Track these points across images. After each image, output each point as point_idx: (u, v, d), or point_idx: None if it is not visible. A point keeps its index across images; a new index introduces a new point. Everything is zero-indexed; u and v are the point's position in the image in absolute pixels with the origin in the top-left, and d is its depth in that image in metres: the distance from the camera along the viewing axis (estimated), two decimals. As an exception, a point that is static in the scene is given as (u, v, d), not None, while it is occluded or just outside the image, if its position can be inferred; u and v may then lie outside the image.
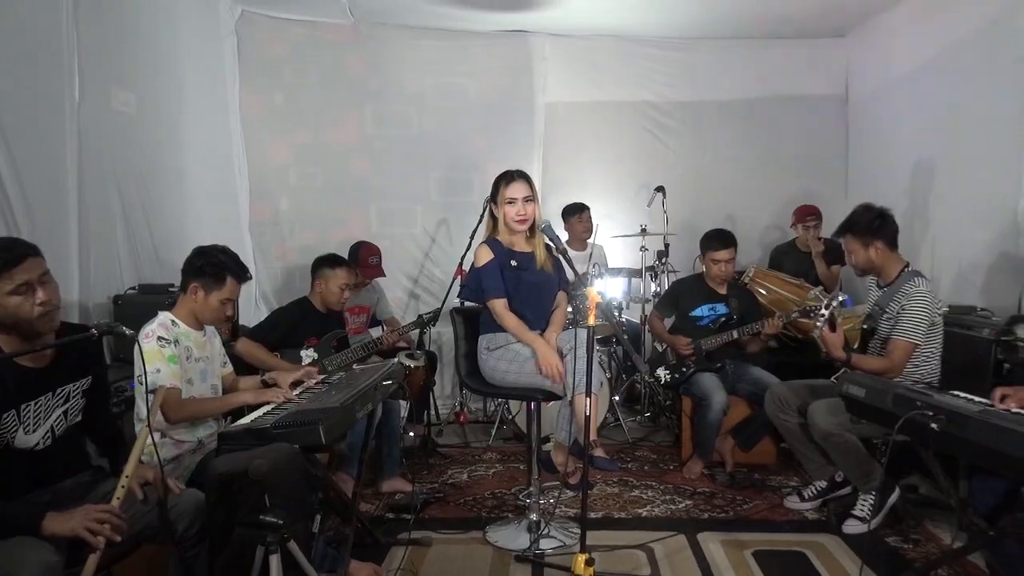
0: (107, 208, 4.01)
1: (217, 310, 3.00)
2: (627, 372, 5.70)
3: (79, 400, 2.44)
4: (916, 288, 3.48)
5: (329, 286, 4.24)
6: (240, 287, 3.06)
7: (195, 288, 2.96)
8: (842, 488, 3.77)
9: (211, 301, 2.97)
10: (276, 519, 2.17)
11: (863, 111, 6.15)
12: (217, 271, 2.96)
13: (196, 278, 2.96)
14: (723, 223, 6.02)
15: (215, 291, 2.96)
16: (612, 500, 4.02)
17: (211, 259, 2.98)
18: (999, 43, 4.34)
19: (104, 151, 3.95)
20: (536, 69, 6.13)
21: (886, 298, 3.60)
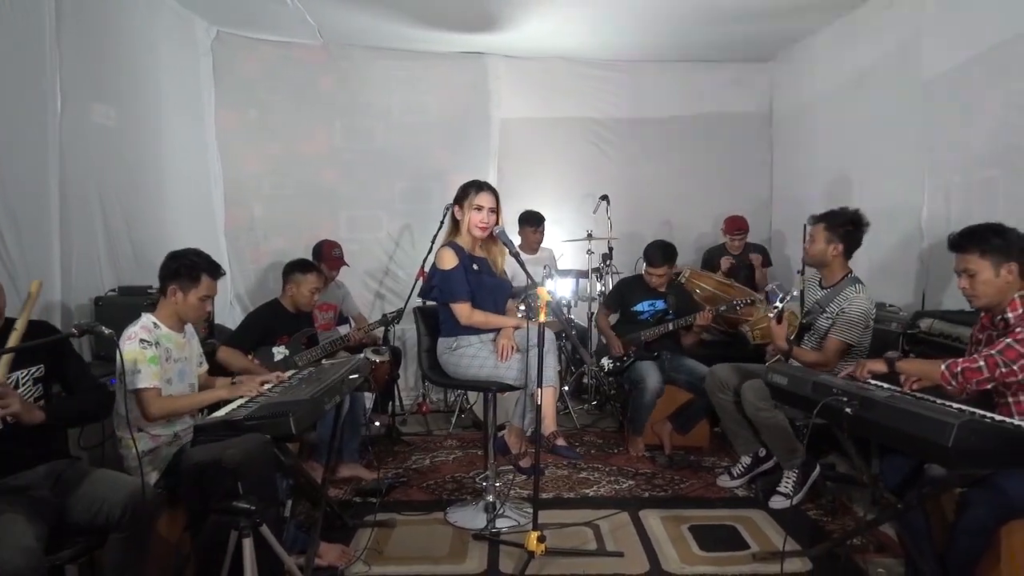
0: (88, 215, 3.88)
1: (198, 307, 2.93)
2: (575, 364, 5.72)
3: (30, 387, 2.36)
4: (857, 295, 3.54)
5: (300, 290, 4.18)
6: (216, 283, 2.98)
7: (173, 290, 2.89)
8: (764, 463, 3.83)
9: (190, 300, 2.90)
10: (248, 505, 2.13)
11: (786, 128, 6.25)
12: (192, 271, 2.89)
13: (173, 280, 2.89)
14: (660, 228, 6.11)
15: (192, 290, 2.89)
16: (562, 482, 4.03)
17: (185, 261, 2.91)
18: (906, 67, 4.44)
19: (85, 162, 3.82)
20: (492, 88, 6.12)
21: (827, 298, 3.64)
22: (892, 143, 4.64)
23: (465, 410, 5.20)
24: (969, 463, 2.18)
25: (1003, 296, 2.58)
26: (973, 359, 2.49)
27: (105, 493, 2.25)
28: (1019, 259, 2.57)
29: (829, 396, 2.55)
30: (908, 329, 3.78)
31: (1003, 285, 2.57)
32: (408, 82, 5.98)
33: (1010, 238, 2.58)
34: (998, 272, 2.56)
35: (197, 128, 5.36)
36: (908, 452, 2.57)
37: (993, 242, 2.57)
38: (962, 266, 2.64)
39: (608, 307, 4.88)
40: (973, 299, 2.66)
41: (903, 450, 2.57)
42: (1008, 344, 2.45)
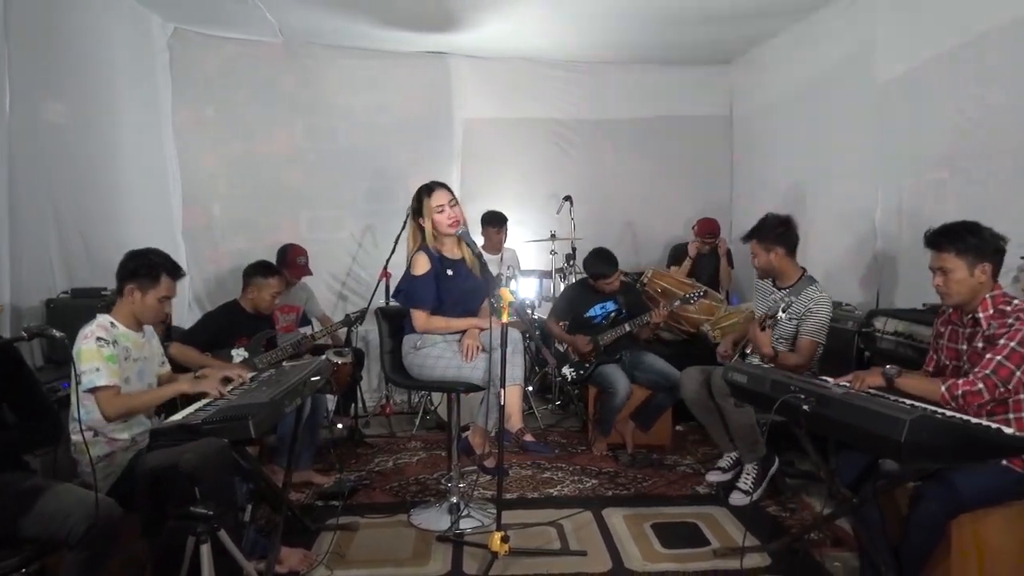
0: (39, 214, 3.78)
1: (156, 308, 2.86)
2: (539, 365, 5.72)
3: None
4: (820, 294, 3.63)
5: (262, 294, 4.11)
6: (175, 284, 2.92)
7: (131, 290, 2.82)
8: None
9: (148, 300, 2.83)
10: (206, 510, 2.10)
11: (745, 130, 6.34)
12: (151, 271, 2.83)
13: (131, 280, 2.82)
14: (623, 228, 6.17)
15: (151, 290, 2.83)
16: (526, 482, 4.03)
17: (144, 260, 2.85)
18: (861, 71, 4.53)
19: (36, 161, 3.72)
20: (455, 88, 6.10)
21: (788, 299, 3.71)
22: (848, 145, 4.73)
23: (429, 411, 5.17)
24: (920, 458, 2.23)
25: (975, 295, 2.60)
26: (972, 381, 2.47)
27: (62, 510, 2.17)
28: (993, 259, 2.59)
29: (787, 393, 2.58)
30: (863, 328, 3.86)
31: (976, 285, 2.58)
32: (371, 82, 5.94)
33: (985, 238, 2.58)
34: (972, 271, 2.57)
35: (153, 126, 5.24)
36: (862, 448, 2.62)
37: (969, 241, 2.57)
38: (937, 263, 2.63)
39: (557, 316, 4.80)
40: (946, 296, 2.66)
41: (858, 446, 2.62)
42: (999, 362, 2.45)
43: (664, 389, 4.37)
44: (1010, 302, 2.56)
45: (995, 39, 3.51)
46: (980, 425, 2.27)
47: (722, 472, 3.84)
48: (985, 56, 3.57)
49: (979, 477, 2.39)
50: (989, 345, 2.52)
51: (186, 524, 2.11)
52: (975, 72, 3.64)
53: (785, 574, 2.93)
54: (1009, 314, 2.52)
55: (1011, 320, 2.49)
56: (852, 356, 3.89)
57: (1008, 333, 2.47)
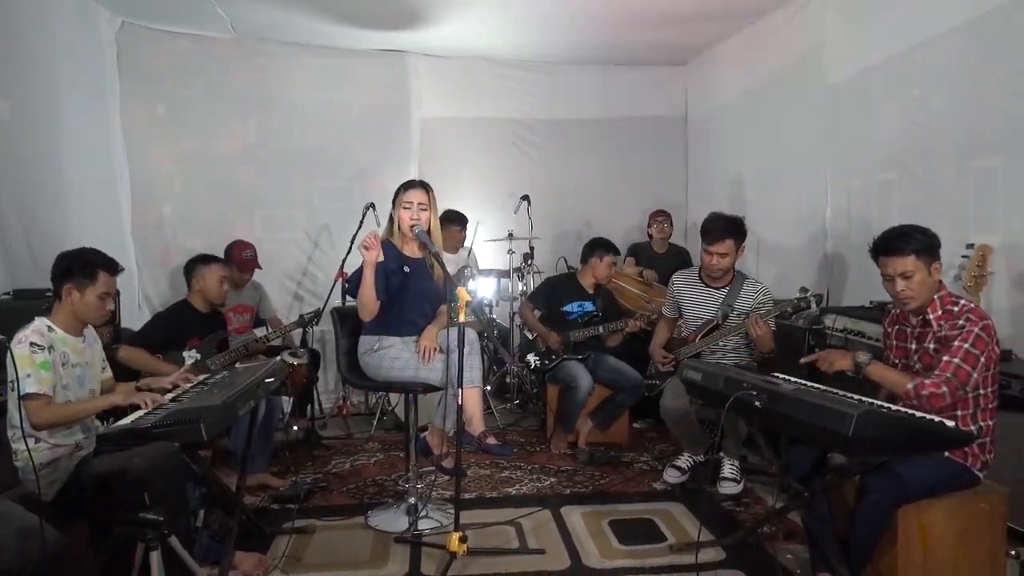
0: (-20, 214, 3.66)
1: (96, 306, 2.77)
2: (497, 364, 5.73)
3: None
4: (760, 285, 3.82)
5: (207, 282, 4.02)
6: (114, 280, 2.83)
7: (69, 290, 2.73)
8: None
9: (88, 298, 2.74)
10: (155, 516, 2.05)
11: (699, 131, 6.44)
12: (87, 268, 2.74)
13: (67, 279, 2.73)
14: (582, 228, 6.20)
15: (89, 287, 2.73)
16: (484, 481, 4.03)
17: (78, 258, 2.76)
18: (810, 74, 4.64)
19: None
20: (412, 87, 6.07)
21: (732, 296, 3.80)
22: (798, 147, 4.84)
23: (387, 412, 5.14)
24: (867, 452, 2.29)
25: (931, 295, 2.64)
26: (937, 384, 2.48)
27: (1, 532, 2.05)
28: (939, 257, 2.64)
29: (740, 390, 2.63)
30: (814, 325, 3.95)
31: (932, 284, 2.62)
32: (326, 79, 5.87)
33: (931, 235, 2.61)
34: (930, 271, 2.60)
35: (101, 123, 5.10)
36: (813, 442, 2.66)
37: (922, 241, 2.59)
38: (898, 269, 2.60)
39: (534, 304, 4.85)
40: (911, 301, 2.63)
41: (808, 441, 2.68)
42: (957, 365, 2.48)
43: (624, 390, 4.41)
44: (956, 302, 2.63)
45: (938, 44, 3.63)
46: (924, 419, 2.33)
47: (680, 472, 3.89)
48: (929, 60, 3.69)
49: (922, 469, 2.47)
50: (941, 346, 2.58)
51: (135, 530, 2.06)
52: (920, 76, 3.75)
53: (739, 568, 2.97)
54: (957, 315, 2.58)
55: (961, 321, 2.55)
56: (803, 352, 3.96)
57: (961, 335, 2.52)
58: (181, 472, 2.43)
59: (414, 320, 3.41)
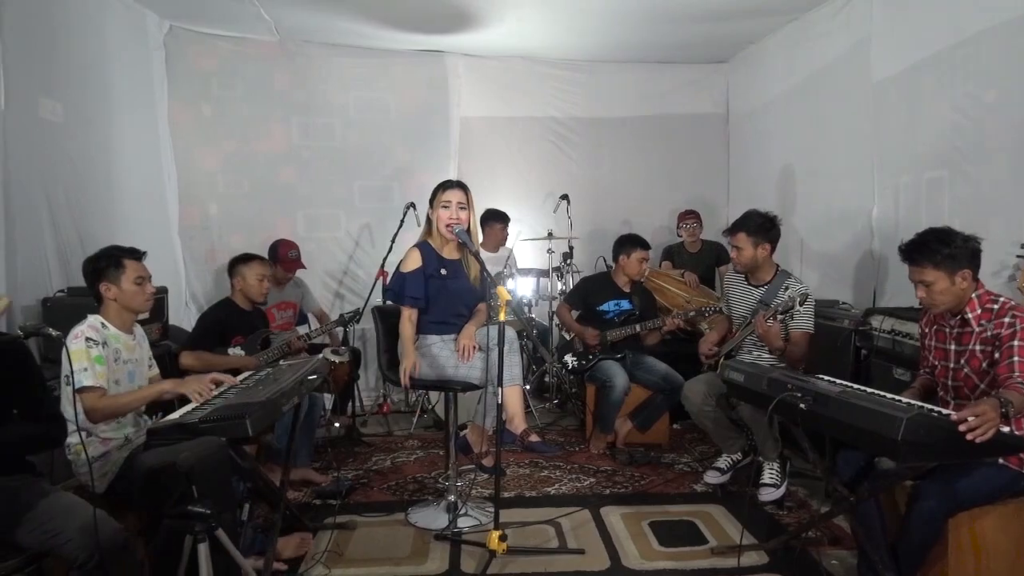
0: (34, 213, 3.77)
1: (137, 292, 2.83)
2: (536, 363, 5.73)
3: None
4: (800, 285, 3.70)
5: (248, 280, 4.06)
6: (143, 264, 2.89)
7: (106, 287, 2.80)
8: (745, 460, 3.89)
9: (126, 287, 2.81)
10: (204, 509, 2.09)
11: (742, 128, 6.35)
12: (111, 260, 2.81)
13: (100, 278, 2.80)
14: (621, 227, 6.15)
15: (122, 276, 2.80)
16: (524, 480, 4.03)
17: (101, 256, 2.83)
18: (857, 70, 4.54)
19: (31, 159, 3.71)
20: (452, 86, 6.09)
21: (770, 295, 3.73)
22: (843, 144, 4.74)
23: (427, 410, 5.18)
24: (917, 456, 2.23)
25: (961, 300, 2.58)
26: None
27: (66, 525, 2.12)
28: (971, 264, 2.56)
29: (784, 392, 2.59)
30: (860, 326, 3.87)
31: (959, 292, 2.57)
32: (367, 79, 5.94)
33: (958, 245, 2.55)
34: (953, 280, 2.55)
35: (149, 124, 5.23)
36: (860, 446, 2.62)
37: (943, 252, 2.54)
38: (917, 277, 2.61)
39: (570, 304, 4.86)
40: (932, 307, 2.64)
41: (855, 444, 2.62)
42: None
43: (664, 391, 4.38)
44: (996, 299, 2.56)
45: (990, 38, 3.52)
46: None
47: (720, 473, 3.84)
48: (980, 55, 3.58)
49: (976, 475, 2.40)
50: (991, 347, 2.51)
51: (183, 523, 2.10)
52: (971, 71, 3.64)
53: (782, 572, 2.93)
54: (1000, 313, 2.51)
55: (1008, 319, 2.48)
56: (849, 354, 3.90)
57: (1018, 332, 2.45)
58: (227, 466, 2.47)
59: (451, 320, 3.43)
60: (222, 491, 2.41)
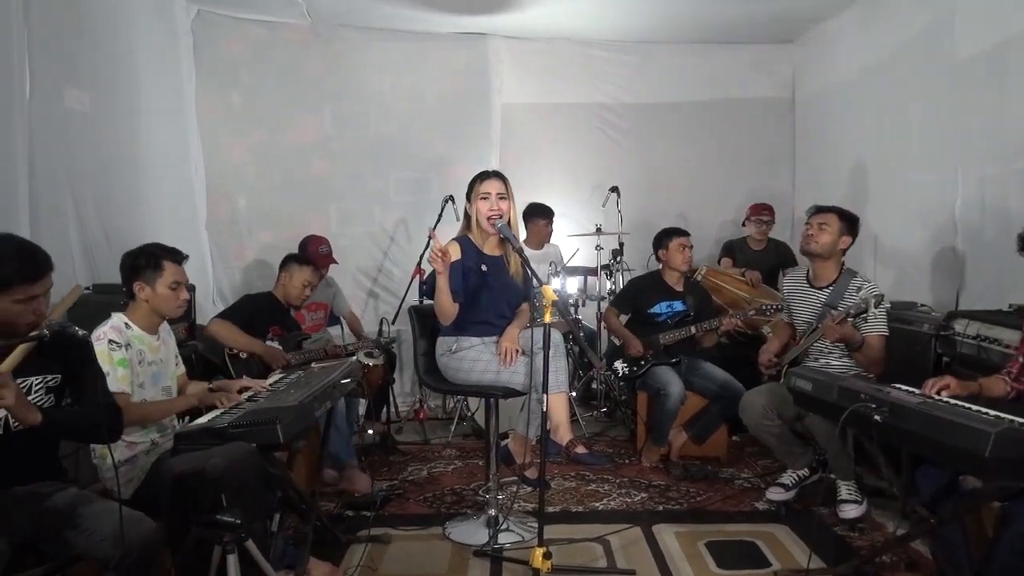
0: (59, 207, 3.88)
1: (170, 297, 2.91)
2: (583, 369, 5.71)
3: (42, 396, 2.32)
4: (870, 284, 3.61)
5: (293, 281, 4.25)
6: (182, 269, 2.97)
7: (140, 287, 2.87)
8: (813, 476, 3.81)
9: (160, 291, 2.88)
10: (233, 519, 2.13)
11: (809, 114, 6.25)
12: (152, 259, 2.88)
13: (136, 276, 2.88)
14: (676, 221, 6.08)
15: (159, 279, 2.88)
16: (569, 494, 4.02)
17: (141, 254, 2.90)
18: (938, 49, 4.43)
19: (56, 150, 3.83)
20: (493, 71, 6.11)
21: (835, 297, 3.66)
22: (923, 130, 4.63)
23: (465, 417, 5.20)
24: (1006, 475, 2.17)
25: None
26: None
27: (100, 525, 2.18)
28: None
29: (856, 402, 2.54)
30: (941, 331, 3.77)
31: None
32: (403, 65, 5.99)
33: None
34: None
35: (177, 114, 5.37)
36: (942, 463, 2.56)
37: None
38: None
39: (618, 308, 4.84)
40: None
41: (937, 461, 2.56)
42: None
43: (722, 400, 4.34)
44: None
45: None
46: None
47: (784, 490, 3.78)
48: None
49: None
50: None
51: (212, 532, 2.15)
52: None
53: (854, 599, 2.88)
54: None
55: None
56: (929, 361, 3.80)
57: None
58: (258, 474, 2.52)
59: (492, 320, 3.44)
60: (252, 500, 2.44)
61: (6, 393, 1.98)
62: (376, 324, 4.89)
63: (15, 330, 2.14)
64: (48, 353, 2.28)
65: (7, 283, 2.11)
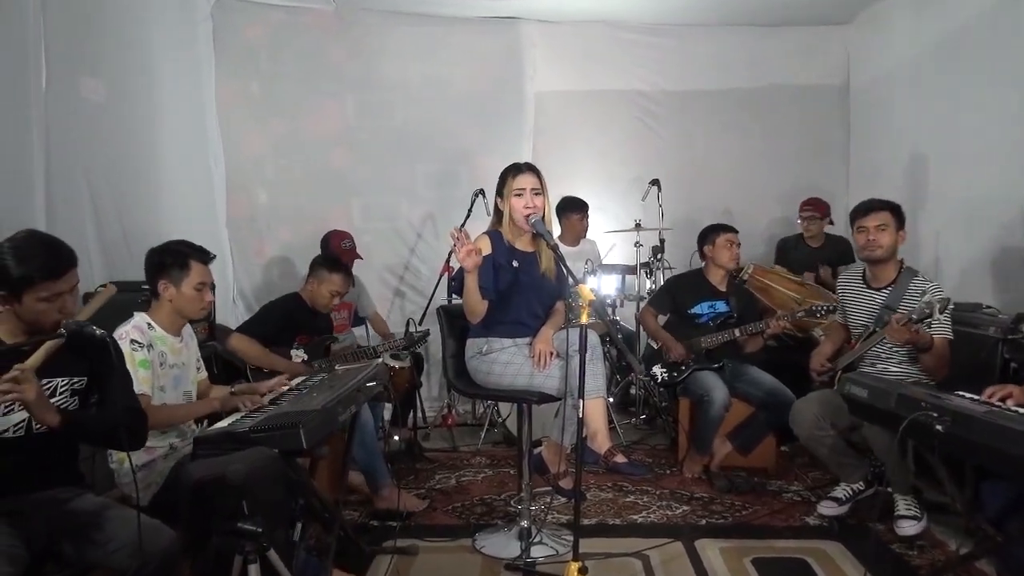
0: (76, 202, 3.96)
1: (196, 298, 2.97)
2: (621, 373, 5.70)
3: (66, 397, 2.36)
4: (932, 284, 3.58)
5: (321, 288, 4.25)
6: (208, 269, 3.02)
7: (164, 286, 2.93)
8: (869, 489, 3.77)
9: (185, 291, 2.94)
10: (255, 527, 2.16)
11: (865, 101, 6.18)
12: (178, 258, 2.94)
13: (161, 275, 2.93)
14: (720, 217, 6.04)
15: (185, 279, 2.93)
16: (606, 506, 4.02)
17: (168, 251, 2.96)
18: (1004, 30, 4.36)
19: (72, 142, 3.90)
20: (525, 57, 6.12)
21: (895, 299, 3.62)
22: (987, 119, 4.57)
23: (496, 423, 5.22)
24: (1083, 490, 2.14)
25: None
26: None
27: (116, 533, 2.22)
28: None
29: (917, 411, 2.51)
30: (1010, 334, 3.72)
31: None
32: (430, 51, 6.02)
33: None
34: None
35: (195, 104, 5.44)
36: (1009, 476, 2.52)
37: None
38: None
39: (656, 308, 4.82)
40: None
41: (1003, 474, 2.53)
42: None
43: (769, 407, 4.30)
44: None
45: None
46: None
47: (837, 504, 3.73)
48: None
49: None
50: None
51: (233, 541, 2.17)
52: None
53: (913, 622, 2.85)
54: None
55: None
56: (995, 367, 3.74)
57: None
58: (281, 481, 2.54)
59: (526, 320, 3.44)
60: (275, 508, 2.47)
61: (28, 388, 2.02)
62: (402, 325, 4.91)
63: (42, 329, 2.20)
64: (74, 354, 2.32)
65: (29, 281, 2.15)
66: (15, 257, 2.15)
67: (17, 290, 2.16)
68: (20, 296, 2.17)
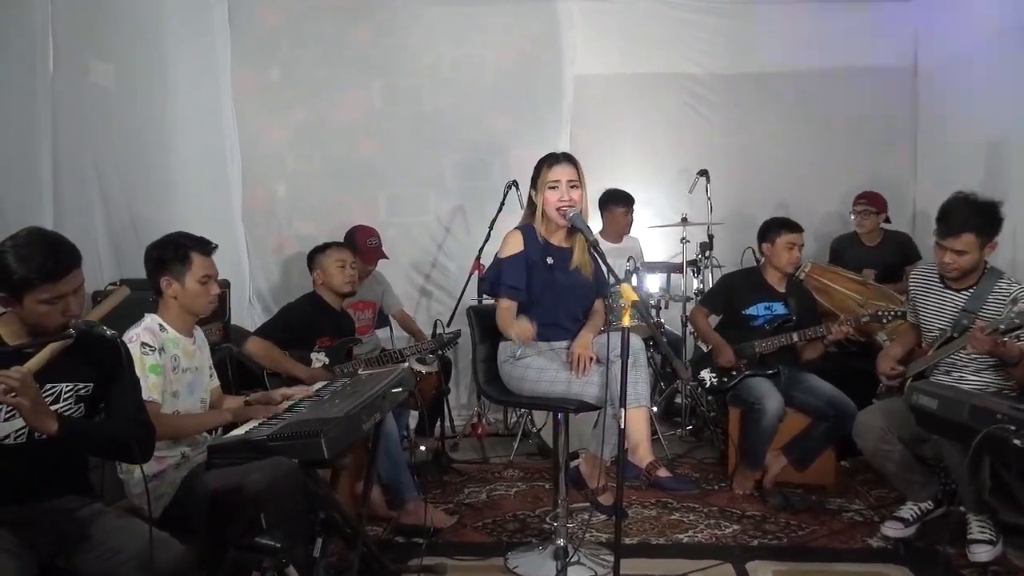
0: (85, 195, 4.03)
1: (200, 292, 2.98)
2: (665, 380, 5.67)
3: (71, 404, 2.39)
4: (1019, 288, 3.51)
5: (328, 270, 4.28)
6: (211, 260, 3.05)
7: (167, 282, 2.96)
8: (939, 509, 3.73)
9: (189, 286, 2.96)
10: (273, 542, 2.18)
11: (935, 84, 6.10)
12: (178, 251, 2.96)
13: (162, 271, 2.96)
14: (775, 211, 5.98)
15: (187, 273, 2.95)
16: (649, 524, 4.01)
17: (166, 245, 2.98)
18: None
19: (81, 129, 3.97)
20: (564, 38, 6.09)
21: (977, 302, 3.56)
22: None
23: (530, 434, 5.21)
24: None
25: None
26: None
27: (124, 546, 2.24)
28: None
29: (992, 423, 2.48)
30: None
31: None
32: (461, 33, 6.04)
33: None
34: None
35: (211, 90, 5.52)
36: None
37: None
38: None
39: (708, 307, 4.80)
40: None
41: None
42: None
43: (829, 419, 4.26)
44: None
45: None
46: None
47: (903, 525, 3.69)
48: None
49: None
50: None
51: (251, 557, 2.20)
52: None
53: (987, 656, 2.81)
54: None
55: None
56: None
57: None
58: (300, 493, 2.57)
59: (563, 322, 3.45)
60: (294, 522, 2.50)
61: (26, 391, 2.03)
62: (429, 326, 4.94)
63: (46, 332, 2.22)
64: (81, 357, 2.35)
65: (28, 283, 2.17)
66: (16, 257, 2.18)
67: (18, 292, 2.19)
68: (21, 298, 2.20)
